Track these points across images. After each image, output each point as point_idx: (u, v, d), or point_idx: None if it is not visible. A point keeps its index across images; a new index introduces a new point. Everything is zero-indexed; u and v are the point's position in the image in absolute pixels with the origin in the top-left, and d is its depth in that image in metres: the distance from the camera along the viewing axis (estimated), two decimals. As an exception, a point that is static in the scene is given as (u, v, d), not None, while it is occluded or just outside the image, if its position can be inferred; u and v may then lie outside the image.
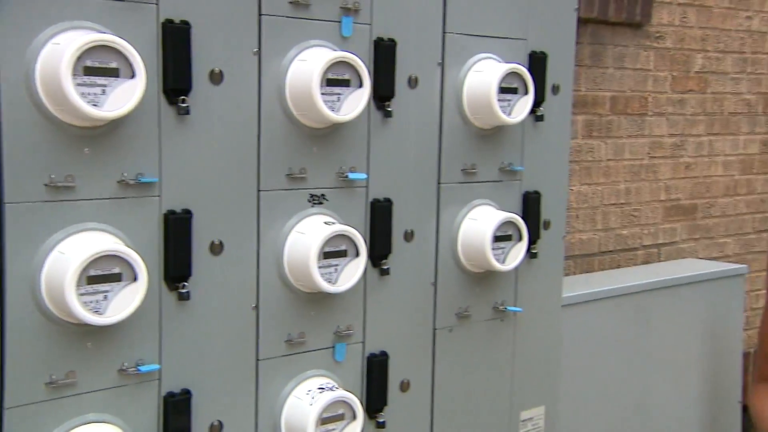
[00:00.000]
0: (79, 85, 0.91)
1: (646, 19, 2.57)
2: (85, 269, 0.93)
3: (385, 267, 1.30)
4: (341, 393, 1.19)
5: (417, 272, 1.36)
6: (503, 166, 1.45)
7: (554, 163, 1.54)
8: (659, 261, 2.80)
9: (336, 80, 1.13)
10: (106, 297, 0.95)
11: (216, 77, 1.08)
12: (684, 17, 2.73)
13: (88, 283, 0.94)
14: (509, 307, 1.49)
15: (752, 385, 1.22)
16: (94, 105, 0.92)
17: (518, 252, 1.41)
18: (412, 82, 1.30)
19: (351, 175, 1.23)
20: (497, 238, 1.38)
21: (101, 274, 0.95)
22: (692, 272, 2.53)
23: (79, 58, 0.91)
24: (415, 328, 1.37)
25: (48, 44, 0.94)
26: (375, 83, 1.24)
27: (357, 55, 1.15)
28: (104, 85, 0.93)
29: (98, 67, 0.93)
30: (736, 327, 2.63)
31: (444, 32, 1.34)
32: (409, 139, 1.32)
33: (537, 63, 1.46)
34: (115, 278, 0.96)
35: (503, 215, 1.38)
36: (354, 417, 1.20)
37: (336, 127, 1.20)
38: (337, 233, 1.15)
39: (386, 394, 1.32)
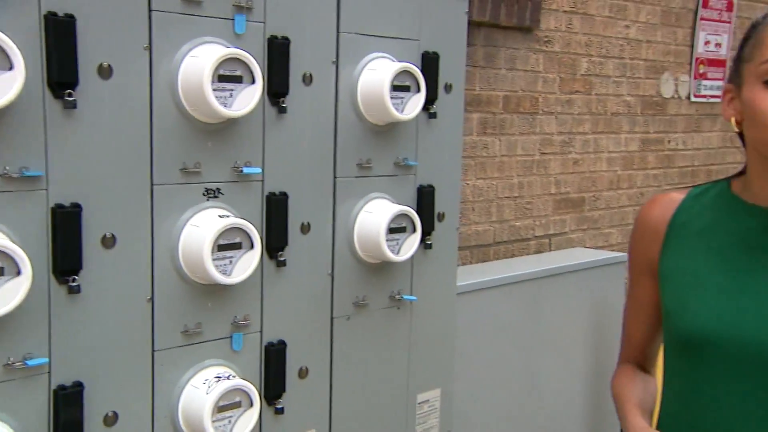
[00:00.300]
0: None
1: (535, 25, 2.63)
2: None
3: (282, 259, 1.29)
4: (238, 381, 1.18)
5: (314, 263, 1.36)
6: (398, 161, 1.47)
7: (447, 159, 1.57)
8: (550, 250, 2.86)
9: (228, 76, 1.12)
10: (-11, 292, 0.91)
11: (105, 71, 1.05)
12: (570, 24, 2.81)
13: (-29, 278, 0.89)
14: (405, 296, 1.51)
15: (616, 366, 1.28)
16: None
17: (412, 243, 1.43)
18: (307, 80, 1.30)
19: (246, 170, 1.22)
20: (392, 230, 1.39)
21: (-17, 269, 0.91)
22: (580, 260, 2.58)
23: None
24: (312, 317, 1.37)
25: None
26: (269, 80, 1.23)
27: (249, 52, 1.14)
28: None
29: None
30: (618, 311, 2.74)
31: (338, 31, 1.35)
32: (305, 135, 1.32)
33: (429, 63, 1.48)
34: (-2, 273, 0.92)
35: (397, 208, 1.40)
36: (251, 404, 1.19)
37: (230, 123, 1.19)
38: (232, 226, 1.14)
39: (284, 381, 1.32)
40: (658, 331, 1.21)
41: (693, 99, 3.43)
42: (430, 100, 1.47)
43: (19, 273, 0.93)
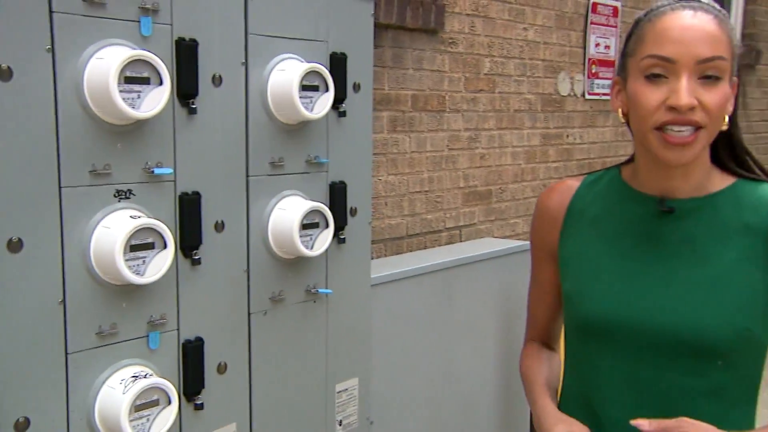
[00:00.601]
0: None
1: (440, 27, 2.67)
2: None
3: (197, 257, 1.27)
4: (155, 380, 1.15)
5: (229, 261, 1.35)
6: (310, 159, 1.47)
7: (358, 155, 1.58)
8: (460, 241, 2.89)
9: (135, 78, 1.09)
10: None
11: (5, 73, 1.00)
12: (472, 26, 2.87)
13: None
14: (321, 290, 1.51)
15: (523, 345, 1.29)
16: None
17: (325, 238, 1.43)
18: (216, 81, 1.28)
19: (157, 170, 1.19)
20: (305, 226, 1.39)
21: None
22: (488, 250, 2.61)
23: None
24: (230, 313, 1.36)
25: None
26: (178, 81, 1.21)
27: (156, 54, 1.11)
28: None
29: None
30: (525, 297, 2.81)
31: (246, 33, 1.33)
32: (216, 135, 1.30)
33: (337, 63, 1.49)
34: None
35: (309, 204, 1.40)
36: (169, 402, 1.17)
37: (139, 124, 1.16)
38: (143, 226, 1.11)
39: (203, 377, 1.30)
40: (560, 311, 1.22)
41: (587, 96, 3.57)
42: (339, 99, 1.48)
43: None
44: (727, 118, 1.02)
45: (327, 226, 1.44)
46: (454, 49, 2.78)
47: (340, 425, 1.62)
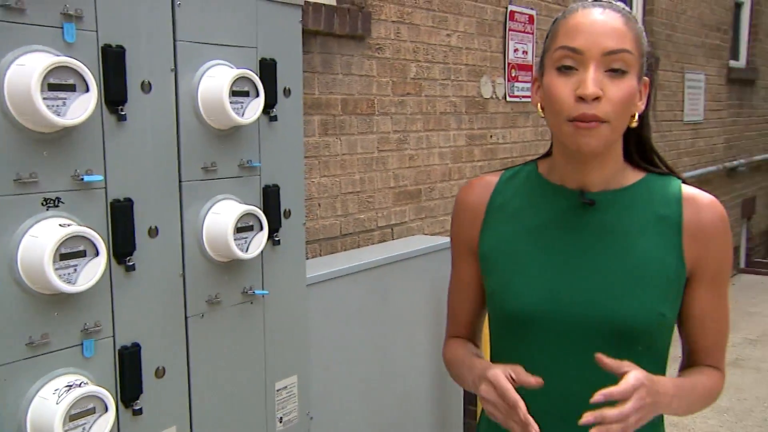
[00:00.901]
0: None
1: (367, 33, 2.67)
2: None
3: (131, 263, 1.23)
4: (90, 388, 1.10)
5: (164, 265, 1.31)
6: (242, 163, 1.44)
7: (290, 158, 1.56)
8: (392, 239, 2.90)
9: (60, 85, 1.04)
10: None
11: None
12: (398, 32, 2.88)
13: None
14: (257, 291, 1.49)
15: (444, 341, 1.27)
16: None
17: (260, 241, 1.41)
18: (146, 87, 1.24)
19: (87, 178, 1.14)
20: (239, 229, 1.37)
21: None
22: (420, 247, 2.62)
23: None
24: (166, 317, 1.32)
25: None
26: (106, 88, 1.16)
27: (81, 61, 1.07)
28: None
29: None
30: (455, 289, 2.84)
31: (175, 40, 1.30)
32: (147, 141, 1.26)
33: (267, 69, 1.47)
34: None
35: (243, 208, 1.37)
36: (106, 409, 1.12)
37: (66, 131, 1.11)
38: (73, 234, 1.07)
39: (141, 382, 1.26)
40: (482, 307, 1.21)
41: (508, 99, 3.64)
42: (270, 104, 1.46)
43: None
44: (637, 116, 1.04)
45: (261, 228, 1.41)
46: (381, 54, 2.79)
47: (281, 422, 1.60)
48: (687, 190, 1.08)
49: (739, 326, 5.43)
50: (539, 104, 1.07)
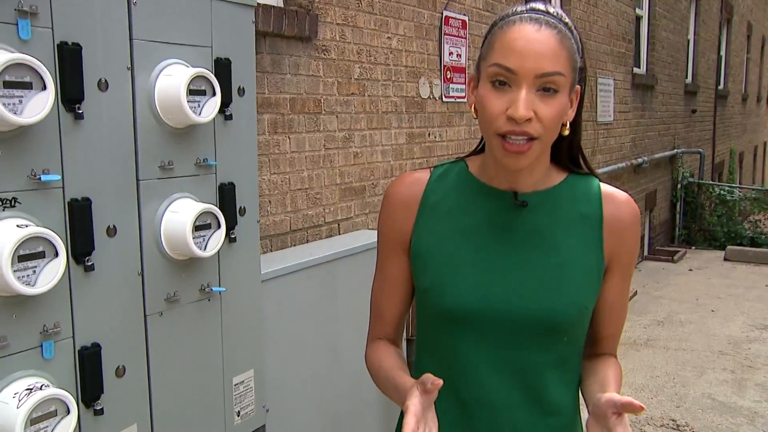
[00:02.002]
0: None
1: (313, 35, 2.64)
2: None
3: (90, 263, 1.17)
4: (51, 390, 1.04)
5: (123, 265, 1.25)
6: (199, 162, 1.39)
7: (245, 157, 1.52)
8: (339, 234, 2.89)
9: (16, 83, 0.97)
10: None
11: None
12: (343, 35, 2.86)
13: None
14: (214, 288, 1.44)
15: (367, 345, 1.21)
16: None
17: (218, 238, 1.37)
18: (102, 86, 1.18)
19: (44, 177, 1.08)
20: (197, 228, 1.32)
21: None
22: (365, 241, 2.61)
23: None
24: (126, 316, 1.26)
25: None
26: (62, 86, 1.10)
27: (37, 58, 1.00)
28: None
29: None
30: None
31: (131, 38, 1.24)
32: (104, 140, 1.20)
33: (222, 68, 1.42)
34: None
35: (201, 206, 1.33)
36: (67, 411, 1.06)
37: (22, 130, 1.04)
38: (32, 235, 1.00)
39: (101, 382, 1.20)
40: (409, 305, 1.17)
41: (444, 99, 3.67)
42: (225, 103, 1.41)
43: None
44: (568, 124, 1.04)
45: (219, 226, 1.37)
46: (327, 55, 2.76)
47: (238, 416, 1.56)
48: (605, 188, 1.11)
49: (647, 309, 5.67)
50: (473, 106, 1.04)
